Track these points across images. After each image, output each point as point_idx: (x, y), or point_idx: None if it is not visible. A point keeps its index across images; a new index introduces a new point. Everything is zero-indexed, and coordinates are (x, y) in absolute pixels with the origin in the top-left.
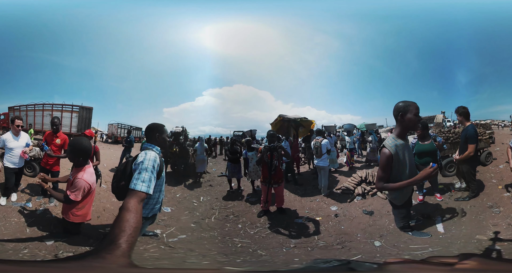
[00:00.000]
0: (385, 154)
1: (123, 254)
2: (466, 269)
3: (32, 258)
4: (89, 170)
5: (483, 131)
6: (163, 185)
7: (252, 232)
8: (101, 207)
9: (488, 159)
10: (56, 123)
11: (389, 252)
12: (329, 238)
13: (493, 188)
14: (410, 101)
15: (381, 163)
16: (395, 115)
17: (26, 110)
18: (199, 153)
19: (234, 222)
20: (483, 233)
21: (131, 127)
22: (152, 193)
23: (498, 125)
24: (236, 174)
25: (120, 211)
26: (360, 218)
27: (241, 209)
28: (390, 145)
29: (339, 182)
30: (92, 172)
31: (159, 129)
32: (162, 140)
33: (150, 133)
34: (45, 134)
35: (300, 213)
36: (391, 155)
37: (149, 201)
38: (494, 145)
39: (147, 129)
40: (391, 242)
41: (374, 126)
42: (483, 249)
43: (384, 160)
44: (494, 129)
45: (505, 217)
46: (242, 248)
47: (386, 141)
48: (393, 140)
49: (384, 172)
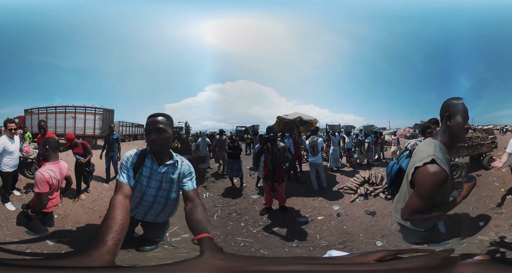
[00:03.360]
0: (436, 173)
1: (108, 251)
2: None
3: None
4: (48, 166)
5: (485, 136)
6: (144, 186)
7: (254, 231)
8: (103, 207)
9: (490, 163)
10: (43, 126)
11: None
12: (331, 238)
13: (496, 191)
14: (461, 99)
15: (424, 185)
16: (441, 115)
17: (46, 112)
18: (202, 148)
19: (236, 220)
20: (485, 233)
21: (132, 124)
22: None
23: (499, 130)
24: (235, 171)
25: (108, 208)
26: (362, 218)
27: (244, 207)
28: (442, 160)
29: (341, 181)
30: (50, 168)
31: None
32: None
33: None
34: (38, 137)
35: (302, 212)
36: (447, 175)
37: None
38: (497, 150)
39: None
40: (393, 243)
41: (371, 128)
42: (485, 249)
43: (433, 181)
44: (495, 134)
45: (508, 218)
46: (245, 247)
47: (435, 153)
48: (441, 151)
49: (428, 199)
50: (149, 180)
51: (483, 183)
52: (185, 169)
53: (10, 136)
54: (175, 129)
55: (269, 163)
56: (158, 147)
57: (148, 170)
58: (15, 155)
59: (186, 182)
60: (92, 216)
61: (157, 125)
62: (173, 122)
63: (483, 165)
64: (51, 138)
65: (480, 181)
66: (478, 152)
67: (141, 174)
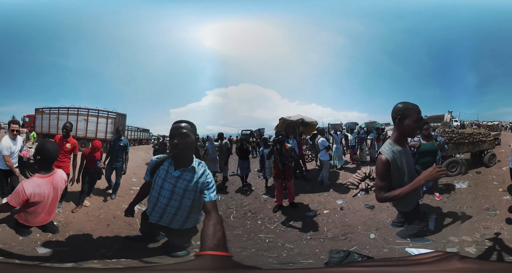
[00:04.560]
0: (381, 161)
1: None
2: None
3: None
4: (35, 180)
5: (488, 132)
6: (159, 187)
7: (272, 227)
8: (110, 215)
9: (492, 161)
10: (68, 128)
11: (377, 244)
12: (335, 230)
13: (493, 190)
14: (411, 103)
15: (378, 171)
16: (393, 117)
17: (57, 113)
18: (211, 152)
19: (253, 219)
20: (470, 234)
21: (137, 129)
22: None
23: (504, 127)
24: (246, 170)
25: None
26: (362, 211)
27: (257, 206)
28: (386, 151)
29: (345, 178)
30: (37, 183)
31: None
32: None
33: None
34: (56, 138)
35: (310, 207)
36: (388, 162)
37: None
38: (500, 147)
39: None
40: (384, 236)
41: (373, 124)
42: (462, 250)
43: (381, 167)
44: (502, 131)
45: (500, 221)
46: (272, 243)
47: (382, 147)
48: (390, 146)
49: (383, 180)
50: (163, 182)
51: (482, 182)
52: (206, 180)
53: (12, 137)
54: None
55: (279, 162)
56: (179, 152)
57: (164, 172)
58: (15, 156)
59: (206, 193)
60: (98, 225)
61: (181, 130)
62: (196, 130)
63: (484, 162)
64: (50, 143)
65: (479, 179)
66: (480, 149)
67: (157, 175)
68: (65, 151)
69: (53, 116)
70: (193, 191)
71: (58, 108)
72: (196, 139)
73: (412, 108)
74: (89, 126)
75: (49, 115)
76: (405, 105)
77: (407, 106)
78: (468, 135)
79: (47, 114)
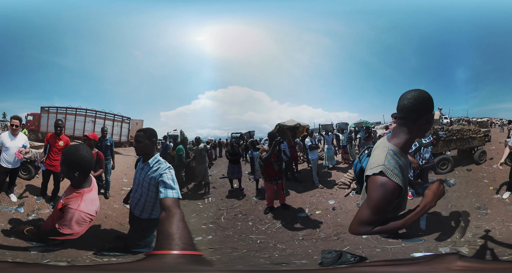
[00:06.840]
0: (387, 187)
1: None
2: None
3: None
4: (88, 197)
5: (477, 129)
6: (135, 178)
7: (263, 228)
8: (102, 214)
9: (482, 158)
10: (60, 125)
11: (370, 244)
12: (328, 230)
13: (484, 189)
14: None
15: (375, 198)
16: (416, 110)
17: (65, 113)
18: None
19: (244, 220)
20: (462, 234)
21: (129, 130)
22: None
23: (494, 123)
24: (236, 174)
25: None
26: (354, 211)
27: (248, 208)
28: (393, 170)
29: (337, 178)
30: (92, 199)
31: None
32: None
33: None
34: (47, 136)
35: (302, 208)
36: (400, 188)
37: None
38: (490, 144)
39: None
40: (376, 235)
41: (362, 124)
42: (454, 249)
43: (384, 194)
44: (494, 129)
45: (491, 220)
46: (263, 243)
47: (385, 163)
48: (394, 158)
49: (379, 213)
50: (136, 173)
51: (472, 179)
52: (158, 177)
53: (12, 133)
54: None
55: (275, 164)
56: (137, 151)
57: (139, 165)
58: (10, 152)
59: (161, 189)
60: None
61: (137, 138)
62: (154, 134)
63: (474, 159)
64: (82, 150)
65: (470, 177)
66: (469, 146)
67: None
68: (58, 149)
69: (60, 116)
70: (152, 185)
71: (66, 108)
72: (153, 142)
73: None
74: (96, 128)
75: (56, 114)
76: (428, 94)
77: (430, 99)
78: (457, 131)
79: (54, 113)
